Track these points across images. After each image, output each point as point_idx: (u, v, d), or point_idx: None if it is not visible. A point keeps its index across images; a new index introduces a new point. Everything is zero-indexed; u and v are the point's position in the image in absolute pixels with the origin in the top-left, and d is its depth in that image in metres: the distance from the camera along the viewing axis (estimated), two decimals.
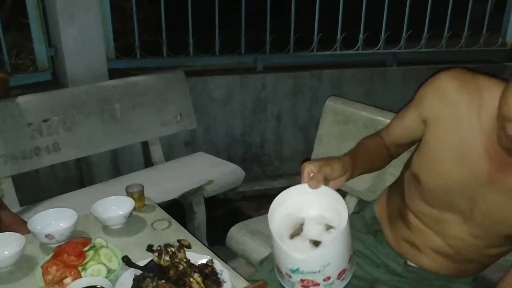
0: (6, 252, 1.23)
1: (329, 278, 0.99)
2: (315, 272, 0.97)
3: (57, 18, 2.39)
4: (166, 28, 2.81)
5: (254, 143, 3.09)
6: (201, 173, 2.38)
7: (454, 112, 1.09)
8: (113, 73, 2.62)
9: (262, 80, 2.96)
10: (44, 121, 2.19)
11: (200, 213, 2.33)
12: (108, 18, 2.62)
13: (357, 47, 3.10)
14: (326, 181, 1.05)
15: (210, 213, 2.47)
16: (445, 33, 3.23)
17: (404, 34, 3.15)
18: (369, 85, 3.12)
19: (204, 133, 2.94)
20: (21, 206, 2.10)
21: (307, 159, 1.14)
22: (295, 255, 0.94)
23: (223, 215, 2.07)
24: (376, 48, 3.14)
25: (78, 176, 2.60)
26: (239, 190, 3.00)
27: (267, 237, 1.76)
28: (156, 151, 2.57)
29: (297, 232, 1.02)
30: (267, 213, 1.02)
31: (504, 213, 1.07)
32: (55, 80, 2.62)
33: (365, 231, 1.39)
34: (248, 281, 1.19)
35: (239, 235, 1.85)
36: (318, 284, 0.99)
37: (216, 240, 1.92)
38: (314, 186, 1.01)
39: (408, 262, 1.29)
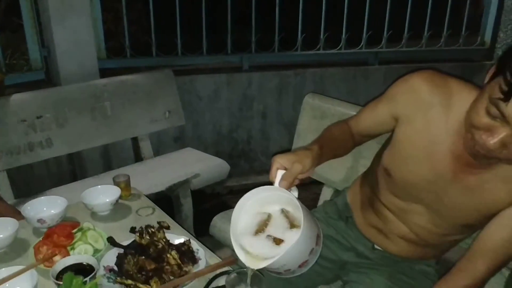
0: (0, 235, 1.32)
1: (289, 269, 1.03)
2: (274, 269, 1.01)
3: (49, 20, 2.48)
4: (157, 29, 2.90)
5: (241, 139, 3.20)
6: (188, 167, 2.48)
7: (425, 114, 1.14)
8: (105, 73, 2.71)
9: (248, 78, 3.07)
10: (38, 117, 2.29)
11: (187, 205, 2.45)
12: (99, 19, 2.71)
13: (339, 46, 3.21)
14: (296, 178, 1.07)
15: (199, 207, 2.58)
16: (425, 33, 3.35)
17: (385, 34, 3.27)
18: (352, 83, 3.23)
19: (192, 130, 3.05)
20: (15, 198, 2.20)
21: (280, 152, 1.13)
22: (250, 265, 0.95)
23: (211, 208, 2.17)
24: (358, 47, 3.25)
25: (70, 170, 2.70)
26: (227, 184, 3.12)
27: None
28: (146, 147, 2.68)
29: (261, 228, 1.03)
30: None
31: (463, 206, 1.14)
32: (48, 79, 2.71)
33: (337, 217, 1.48)
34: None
35: (221, 223, 1.96)
36: (281, 273, 1.05)
37: (203, 231, 2.03)
38: (285, 187, 1.04)
39: (375, 246, 1.37)
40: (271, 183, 1.08)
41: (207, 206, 2.96)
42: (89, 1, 2.57)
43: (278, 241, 0.99)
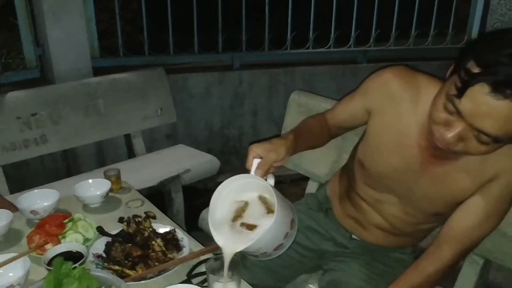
0: None
1: (265, 253, 1.09)
2: (250, 252, 1.08)
3: (44, 20, 2.54)
4: (150, 28, 2.96)
5: (232, 136, 3.27)
6: (179, 163, 2.55)
7: (396, 108, 1.21)
8: (98, 71, 2.77)
9: (239, 77, 3.13)
10: (33, 115, 2.35)
11: (178, 200, 2.52)
12: (92, 19, 2.77)
13: (328, 45, 3.28)
14: (272, 166, 1.13)
15: (191, 202, 2.65)
16: (413, 32, 3.42)
17: (373, 33, 3.34)
18: (341, 81, 3.30)
19: (184, 127, 3.12)
20: (11, 193, 2.27)
21: (256, 141, 1.19)
22: (227, 249, 1.02)
23: (203, 204, 2.22)
24: (347, 46, 3.32)
25: (65, 166, 2.77)
26: (218, 180, 3.14)
27: None
28: (138, 143, 2.75)
29: (239, 215, 1.08)
30: None
31: (432, 196, 1.21)
32: (43, 77, 2.76)
33: (317, 209, 1.55)
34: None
35: None
36: (257, 256, 1.11)
37: (195, 226, 2.10)
38: (260, 175, 1.10)
39: (353, 236, 1.45)
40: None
41: (199, 202, 2.99)
42: (82, 1, 2.63)
43: (251, 227, 1.05)
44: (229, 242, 1.03)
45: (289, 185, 3.22)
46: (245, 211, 1.09)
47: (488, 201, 1.14)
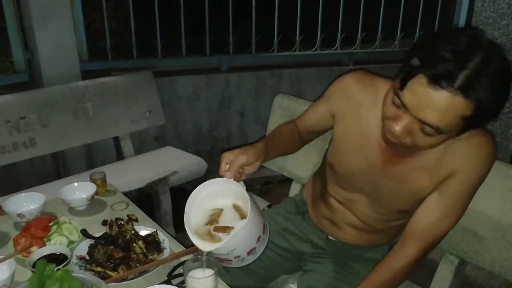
0: None
1: (239, 256, 1.13)
2: (224, 254, 1.12)
3: (32, 24, 2.57)
4: (139, 30, 3.00)
5: (220, 138, 3.31)
6: (166, 165, 2.59)
7: (357, 111, 1.26)
8: (87, 75, 2.80)
9: (226, 79, 3.18)
10: (21, 118, 2.37)
11: (166, 202, 2.55)
12: (81, 23, 2.81)
13: (315, 47, 3.33)
14: (242, 168, 1.18)
15: (179, 204, 2.69)
16: (398, 34, 3.48)
17: (359, 35, 3.39)
18: (327, 83, 3.27)
19: (173, 129, 3.15)
20: (0, 196, 2.30)
21: (227, 149, 1.23)
22: (202, 248, 1.07)
23: None
24: (333, 48, 3.37)
25: (54, 169, 2.80)
26: None
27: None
28: (127, 146, 2.78)
29: (214, 219, 1.13)
30: None
31: (395, 194, 1.26)
32: (32, 81, 2.79)
33: (295, 212, 1.59)
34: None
35: None
36: (231, 260, 1.14)
37: (183, 227, 2.13)
38: (229, 176, 1.14)
39: (329, 237, 1.49)
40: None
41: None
42: (70, 5, 2.66)
43: (225, 229, 1.10)
44: (205, 242, 1.08)
45: (276, 185, 3.27)
46: (219, 217, 1.15)
47: (447, 198, 1.19)
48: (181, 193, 2.87)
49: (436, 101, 0.96)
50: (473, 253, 1.47)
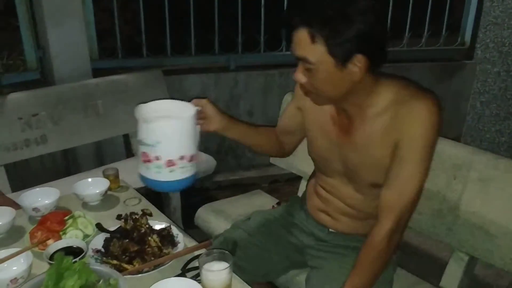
0: None
1: (158, 158, 1.26)
2: (148, 145, 1.27)
3: (44, 22, 2.60)
4: (148, 29, 3.02)
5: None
6: None
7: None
8: (98, 73, 2.82)
9: (235, 78, 3.19)
10: (33, 115, 2.40)
11: (175, 198, 2.58)
12: (92, 22, 2.84)
13: None
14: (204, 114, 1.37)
15: (188, 201, 2.71)
16: (406, 33, 3.49)
17: None
18: None
19: None
20: (12, 192, 2.32)
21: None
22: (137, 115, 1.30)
23: (200, 202, 2.30)
24: None
25: (64, 166, 2.82)
26: (215, 179, 3.25)
27: (227, 215, 2.02)
28: (136, 143, 2.80)
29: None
30: None
31: (362, 166, 1.33)
32: (43, 78, 2.81)
33: (299, 209, 1.64)
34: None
35: (205, 214, 2.10)
36: (150, 161, 1.28)
37: (192, 224, 2.16)
38: (195, 104, 1.35)
39: (330, 230, 1.52)
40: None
41: (196, 200, 3.08)
42: (81, 4, 2.68)
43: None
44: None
45: (284, 184, 3.29)
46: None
47: (402, 165, 1.24)
48: (190, 191, 2.90)
49: (296, 38, 1.15)
50: (483, 250, 1.49)
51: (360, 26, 1.09)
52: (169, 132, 1.27)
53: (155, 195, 2.38)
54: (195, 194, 3.14)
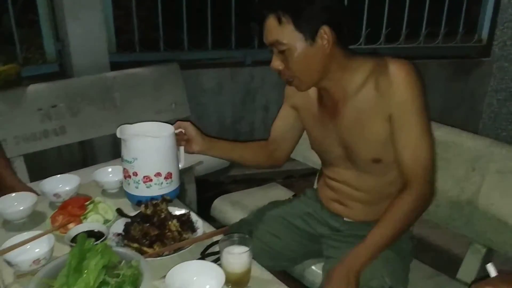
0: (21, 208, 1.48)
1: (136, 174, 1.44)
2: (127, 162, 1.45)
3: (64, 15, 2.64)
4: (165, 25, 3.05)
5: (243, 131, 3.34)
6: (192, 155, 2.61)
7: (302, 94, 1.44)
8: (115, 66, 2.85)
9: (251, 73, 3.21)
10: (52, 107, 2.45)
11: (191, 191, 2.60)
12: (110, 15, 2.87)
13: None
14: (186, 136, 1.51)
15: (204, 195, 2.73)
16: (423, 30, 3.47)
17: (383, 31, 3.39)
18: None
19: (197, 121, 3.17)
20: (30, 182, 2.36)
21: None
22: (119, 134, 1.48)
23: (214, 196, 2.32)
24: (357, 44, 3.38)
25: (81, 157, 2.86)
26: (230, 174, 3.27)
27: (244, 206, 2.03)
28: None
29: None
30: None
31: (360, 143, 1.34)
32: (62, 71, 2.86)
33: (315, 200, 1.65)
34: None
35: (221, 205, 2.11)
36: (130, 176, 1.45)
37: (207, 217, 2.17)
38: (176, 127, 1.49)
39: (345, 219, 1.53)
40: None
41: (211, 194, 3.10)
42: None
43: None
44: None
45: (298, 179, 3.30)
46: None
47: (405, 133, 1.27)
48: (204, 184, 2.92)
49: (266, 27, 1.25)
50: (501, 242, 1.48)
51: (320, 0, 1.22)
52: (145, 149, 1.42)
53: None
54: (210, 188, 3.16)
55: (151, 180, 1.46)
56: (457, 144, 1.61)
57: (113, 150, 2.91)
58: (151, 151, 1.45)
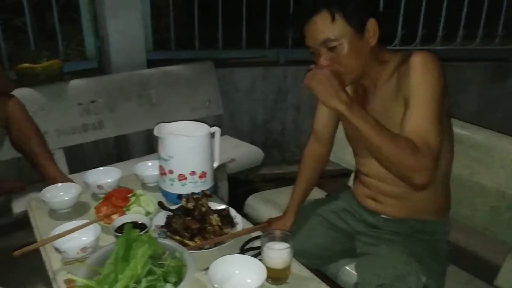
0: (66, 198, 1.54)
1: (171, 172, 1.48)
2: (163, 159, 1.49)
3: (104, 14, 2.72)
4: (200, 23, 3.10)
5: (274, 130, 3.36)
6: (225, 152, 2.63)
7: None
8: (152, 63, 2.90)
9: (284, 72, 3.21)
10: (92, 102, 2.52)
11: (223, 188, 2.62)
12: (148, 14, 2.94)
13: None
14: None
15: (234, 192, 2.76)
16: (460, 32, 3.41)
17: (419, 32, 3.35)
18: None
19: (229, 119, 3.22)
20: (70, 174, 2.44)
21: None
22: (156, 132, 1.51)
23: (245, 193, 2.34)
24: (392, 45, 3.35)
25: (116, 152, 2.93)
26: (260, 172, 3.28)
27: (277, 204, 2.04)
28: None
29: None
30: None
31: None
32: (101, 67, 2.94)
33: (351, 197, 1.65)
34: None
35: (255, 203, 2.13)
36: (165, 174, 1.50)
37: (240, 213, 2.20)
38: (259, 227, 1.48)
39: (382, 216, 1.51)
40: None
41: (241, 192, 3.13)
42: None
43: None
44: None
45: (327, 180, 3.28)
46: None
47: (410, 110, 1.24)
48: (235, 182, 2.95)
49: (314, 25, 1.26)
50: None
51: None
52: (181, 148, 1.46)
53: None
54: (241, 186, 3.19)
55: (185, 179, 1.51)
56: (498, 147, 1.58)
57: (147, 145, 2.97)
58: (186, 150, 1.49)
